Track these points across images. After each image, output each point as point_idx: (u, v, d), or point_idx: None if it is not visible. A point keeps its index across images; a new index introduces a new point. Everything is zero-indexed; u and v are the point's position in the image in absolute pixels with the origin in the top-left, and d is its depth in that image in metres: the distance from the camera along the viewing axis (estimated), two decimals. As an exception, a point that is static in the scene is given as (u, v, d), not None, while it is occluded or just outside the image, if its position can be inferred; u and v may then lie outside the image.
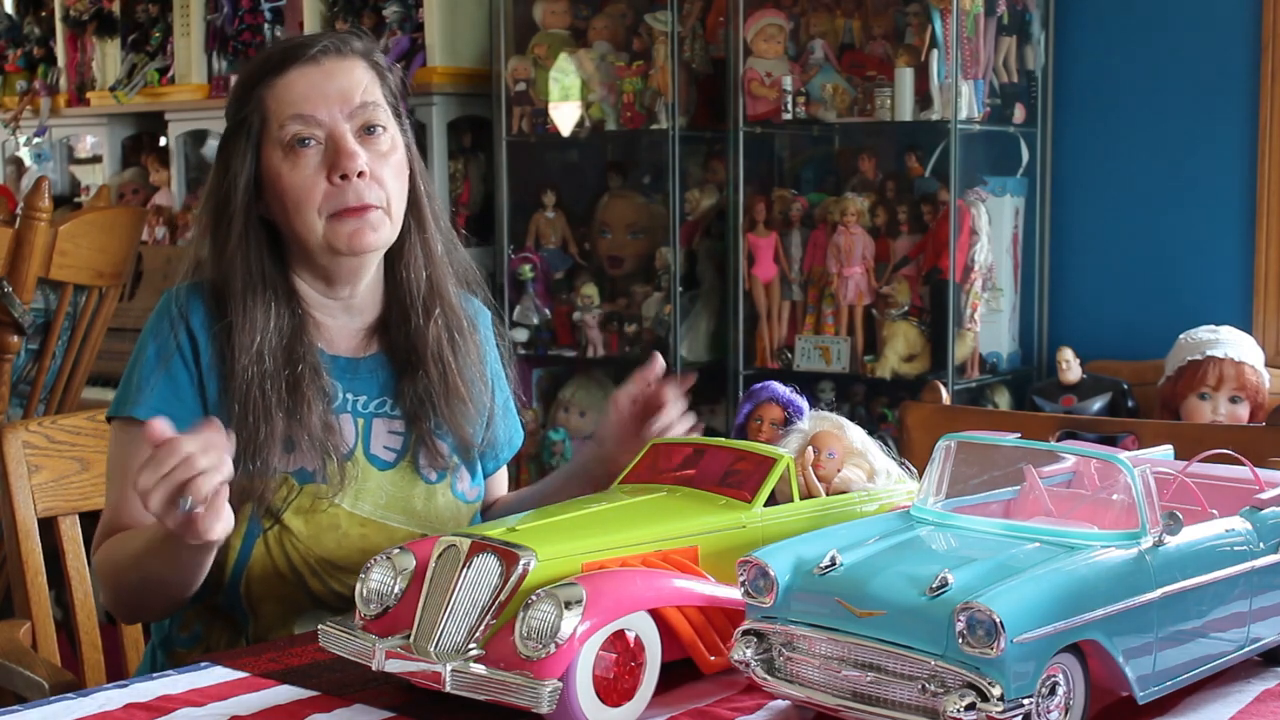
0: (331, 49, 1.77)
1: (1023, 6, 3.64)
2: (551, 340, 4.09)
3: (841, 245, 3.59)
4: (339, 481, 1.73)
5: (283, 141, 1.73)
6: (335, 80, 1.75)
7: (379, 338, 1.84)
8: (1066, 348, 3.37)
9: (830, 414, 1.59)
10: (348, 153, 1.72)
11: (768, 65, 3.66)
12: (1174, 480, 1.48)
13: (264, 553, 1.72)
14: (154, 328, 1.77)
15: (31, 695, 1.71)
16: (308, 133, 1.72)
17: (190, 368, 1.74)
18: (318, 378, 1.74)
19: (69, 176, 5.88)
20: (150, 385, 1.73)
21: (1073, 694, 1.20)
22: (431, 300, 1.82)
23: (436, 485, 1.81)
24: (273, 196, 1.75)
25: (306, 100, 1.73)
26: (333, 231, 1.73)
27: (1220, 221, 3.53)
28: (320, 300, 1.80)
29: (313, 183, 1.72)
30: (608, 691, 1.27)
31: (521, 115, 4.05)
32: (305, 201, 1.72)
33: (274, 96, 1.74)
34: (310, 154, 1.72)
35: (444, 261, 1.85)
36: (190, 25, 4.85)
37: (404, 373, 1.81)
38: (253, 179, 1.74)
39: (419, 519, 1.79)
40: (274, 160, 1.73)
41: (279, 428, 1.70)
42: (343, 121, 1.73)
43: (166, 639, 1.80)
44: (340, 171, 1.71)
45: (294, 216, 1.73)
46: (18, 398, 3.18)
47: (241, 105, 1.76)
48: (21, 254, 3.02)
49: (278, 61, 1.75)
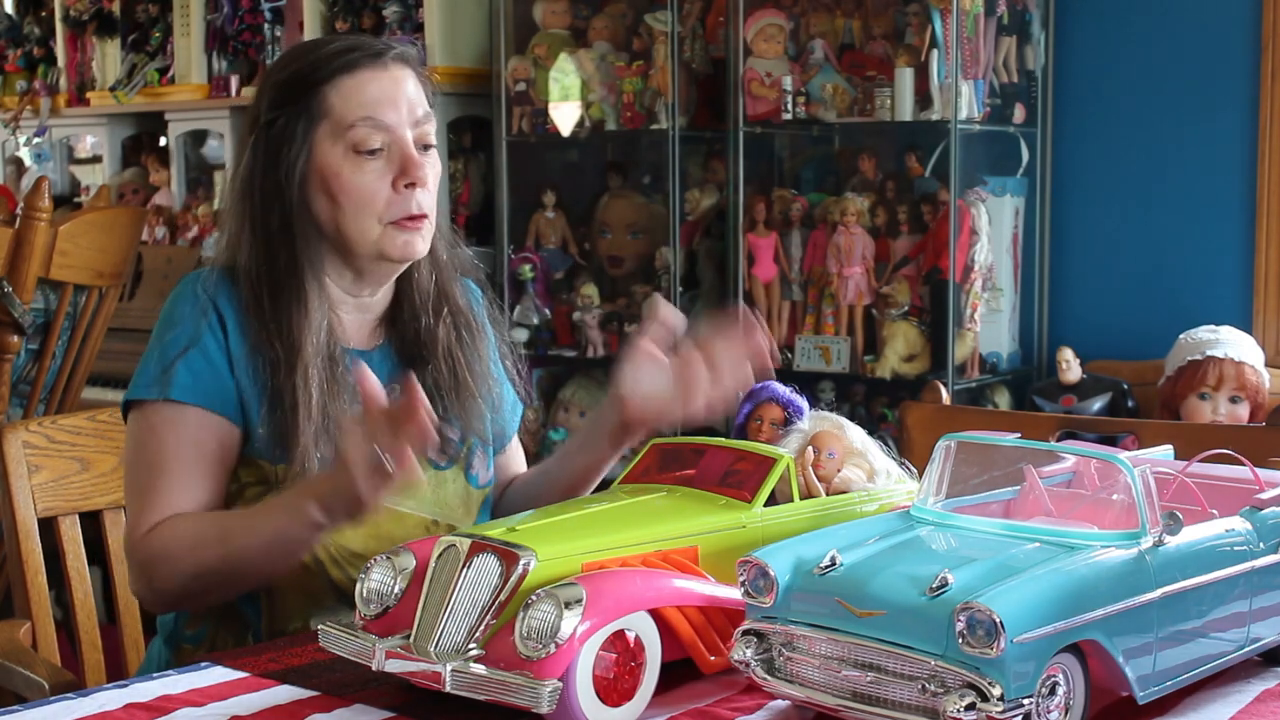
0: (400, 57, 1.79)
1: (1023, 6, 3.64)
2: (551, 340, 4.09)
3: (841, 245, 3.59)
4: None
5: (350, 141, 1.73)
6: (402, 87, 1.76)
7: (385, 329, 1.85)
8: (1066, 348, 3.37)
9: (830, 414, 1.59)
10: (416, 161, 1.74)
11: (768, 65, 3.66)
12: (1174, 480, 1.48)
13: None
14: (180, 313, 1.76)
15: (31, 695, 1.71)
16: (377, 136, 1.73)
17: (223, 349, 1.74)
18: (345, 370, 1.76)
19: (69, 176, 5.88)
20: (181, 367, 1.72)
21: (1073, 694, 1.20)
22: (440, 301, 1.85)
23: (446, 471, 1.83)
24: (324, 194, 1.74)
25: (377, 104, 1.74)
26: (389, 238, 1.74)
27: (1220, 221, 3.53)
28: (341, 296, 1.81)
29: (377, 187, 1.73)
30: (608, 691, 1.27)
31: (521, 115, 4.05)
32: (368, 205, 1.73)
33: (341, 94, 1.73)
34: (376, 159, 1.73)
35: (448, 264, 1.87)
36: (190, 25, 4.85)
37: (413, 365, 1.82)
38: (303, 173, 1.74)
39: (430, 505, 1.80)
40: (333, 158, 1.73)
41: (324, 419, 1.71)
42: (409, 130, 1.75)
43: (172, 636, 1.80)
44: (408, 180, 1.73)
45: (349, 217, 1.74)
46: (18, 398, 3.18)
47: (301, 96, 1.74)
48: (21, 254, 3.02)
49: (348, 60, 1.75)
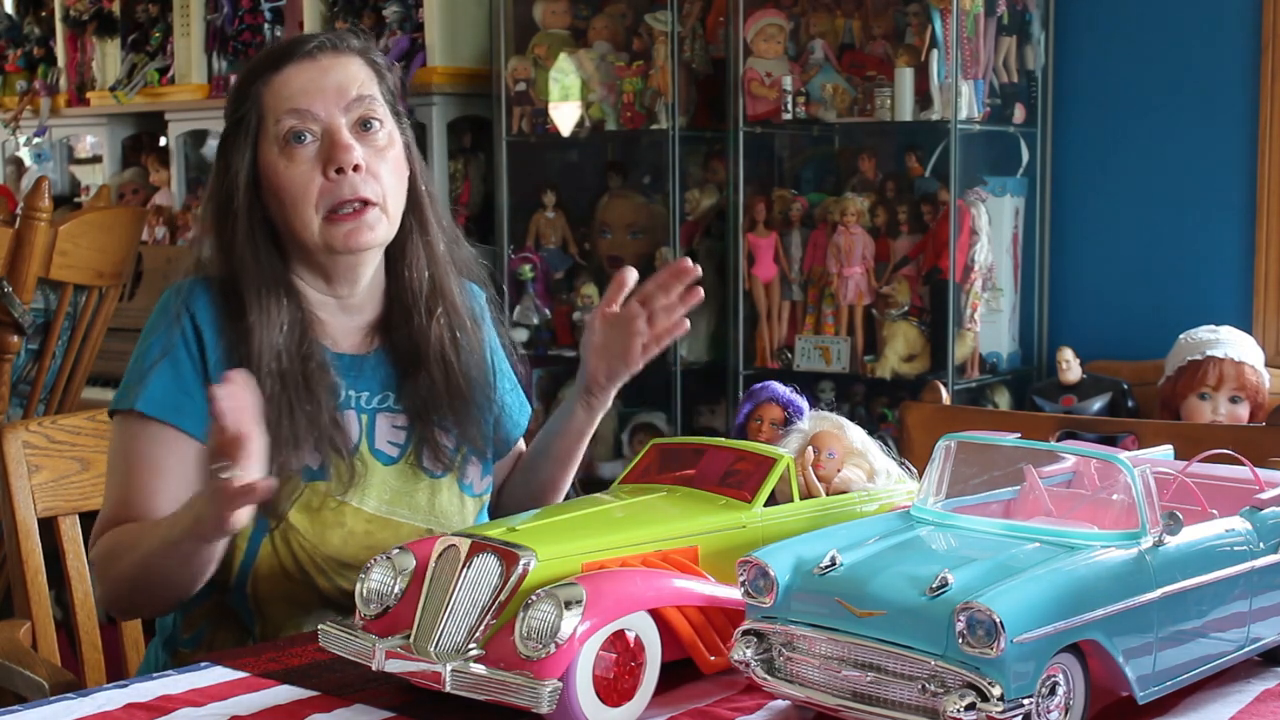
0: (328, 45, 1.77)
1: (1023, 6, 3.64)
2: (551, 340, 4.09)
3: (841, 245, 3.59)
4: (346, 479, 1.73)
5: (279, 137, 1.72)
6: (331, 75, 1.74)
7: (380, 334, 1.83)
8: (1066, 348, 3.37)
9: (830, 414, 1.58)
10: (343, 145, 1.71)
11: (768, 65, 3.66)
12: (1174, 480, 1.48)
13: (270, 552, 1.72)
14: (156, 323, 1.77)
15: (31, 695, 1.71)
16: (303, 127, 1.71)
17: (195, 360, 1.73)
18: (325, 375, 1.74)
19: (69, 176, 5.88)
20: (153, 378, 1.72)
21: (1073, 694, 1.20)
22: (434, 300, 1.82)
23: (441, 480, 1.81)
24: (270, 193, 1.74)
25: (303, 95, 1.72)
26: (329, 231, 1.72)
27: (1220, 221, 3.53)
28: (320, 299, 1.80)
29: (308, 178, 1.71)
30: (608, 691, 1.27)
31: (521, 115, 4.05)
32: (301, 198, 1.71)
33: (271, 93, 1.73)
34: (306, 149, 1.72)
35: (446, 260, 1.85)
36: (190, 25, 4.85)
37: (407, 372, 1.81)
38: (252, 177, 1.74)
39: (424, 514, 1.79)
40: (271, 156, 1.73)
41: (295, 427, 1.70)
42: (339, 116, 1.73)
43: (170, 639, 1.80)
44: (335, 165, 1.71)
45: (291, 213, 1.73)
46: (18, 398, 3.18)
47: (240, 103, 1.76)
48: (21, 254, 3.02)
49: (275, 58, 1.75)
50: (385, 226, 1.75)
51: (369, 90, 1.76)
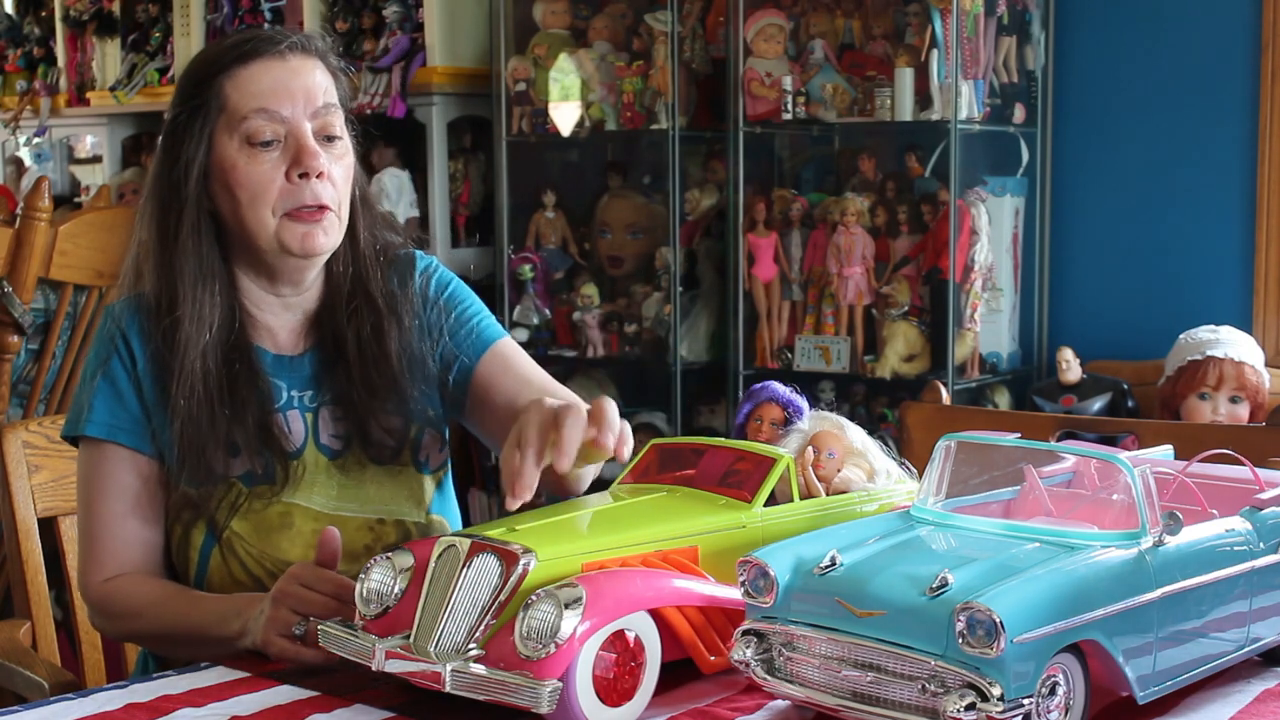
0: (298, 47, 1.75)
1: (1023, 6, 3.64)
2: (551, 340, 4.09)
3: (841, 245, 3.59)
4: (283, 480, 1.73)
5: (243, 133, 1.70)
6: (300, 78, 1.73)
7: (314, 332, 1.83)
8: (1066, 348, 3.37)
9: (830, 414, 1.58)
10: (310, 151, 1.70)
11: (768, 65, 3.66)
12: (1174, 480, 1.48)
13: (220, 563, 1.73)
14: (95, 347, 1.78)
15: (31, 695, 1.71)
16: (270, 127, 1.70)
17: (128, 368, 1.74)
18: (255, 378, 1.74)
19: (69, 176, 5.88)
20: (96, 401, 1.73)
21: (1073, 694, 1.20)
22: (353, 295, 1.81)
23: (391, 465, 1.80)
24: (224, 188, 1.72)
25: (271, 95, 1.71)
26: (286, 231, 1.71)
27: (1220, 221, 3.53)
28: (261, 296, 1.79)
29: (270, 178, 1.70)
30: (608, 691, 1.27)
31: (521, 115, 4.05)
32: (261, 197, 1.70)
33: (235, 86, 1.71)
34: (271, 149, 1.71)
35: (368, 255, 1.82)
36: (190, 25, 4.85)
37: (333, 368, 1.80)
38: (204, 168, 1.72)
39: (371, 505, 1.78)
40: (229, 151, 1.71)
41: (220, 430, 1.70)
42: (305, 120, 1.72)
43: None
44: (301, 170, 1.70)
45: (247, 211, 1.71)
46: (18, 398, 3.18)
47: (197, 92, 1.73)
48: (21, 254, 3.02)
49: (242, 52, 1.73)
50: (337, 232, 1.76)
51: (332, 97, 1.75)
